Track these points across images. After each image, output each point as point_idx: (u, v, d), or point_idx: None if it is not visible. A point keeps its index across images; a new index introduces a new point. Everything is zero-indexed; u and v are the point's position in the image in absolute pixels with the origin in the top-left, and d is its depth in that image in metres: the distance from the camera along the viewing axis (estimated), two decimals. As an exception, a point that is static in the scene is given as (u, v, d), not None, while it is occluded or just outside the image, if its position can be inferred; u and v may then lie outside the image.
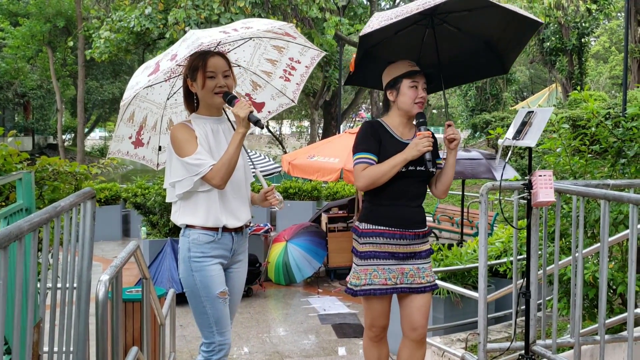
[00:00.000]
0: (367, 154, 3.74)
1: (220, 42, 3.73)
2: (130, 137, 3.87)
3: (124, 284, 3.86)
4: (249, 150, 4.16)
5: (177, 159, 3.46)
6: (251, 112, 3.40)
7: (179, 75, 3.81)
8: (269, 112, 4.21)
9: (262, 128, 3.55)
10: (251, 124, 3.42)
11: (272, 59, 4.04)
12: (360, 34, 3.58)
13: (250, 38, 3.89)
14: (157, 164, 4.07)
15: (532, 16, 3.92)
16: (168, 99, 3.93)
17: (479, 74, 4.72)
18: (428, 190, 3.96)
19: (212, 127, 3.58)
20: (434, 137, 3.78)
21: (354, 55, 3.88)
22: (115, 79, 42.60)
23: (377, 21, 3.55)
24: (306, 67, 4.12)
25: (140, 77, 3.57)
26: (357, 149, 3.80)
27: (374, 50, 4.06)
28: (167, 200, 3.66)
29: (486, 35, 4.15)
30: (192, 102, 3.65)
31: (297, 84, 4.16)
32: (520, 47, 4.31)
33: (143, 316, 4.33)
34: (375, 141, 3.76)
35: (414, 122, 3.80)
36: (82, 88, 30.58)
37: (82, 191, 3.06)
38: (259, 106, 4.15)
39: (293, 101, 4.21)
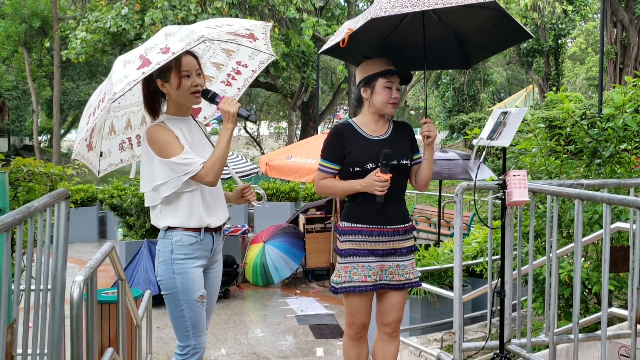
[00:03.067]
0: (328, 163, 3.88)
1: (209, 36, 3.60)
2: (86, 140, 3.70)
3: (100, 285, 3.84)
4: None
5: (159, 161, 3.41)
6: (239, 106, 3.40)
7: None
8: (205, 117, 4.15)
9: (254, 122, 3.55)
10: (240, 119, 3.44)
11: (218, 62, 4.00)
12: (372, 16, 3.40)
13: (203, 41, 3.82)
14: (99, 171, 3.93)
15: (524, 27, 3.92)
16: (112, 102, 3.82)
17: (440, 64, 4.66)
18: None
19: (186, 127, 3.56)
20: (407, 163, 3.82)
21: (350, 29, 3.63)
22: (91, 79, 42.26)
23: (390, 5, 3.43)
24: (252, 71, 4.08)
25: (127, 71, 3.29)
26: (321, 154, 3.93)
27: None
28: (147, 204, 3.60)
29: (463, 30, 4.12)
30: (156, 104, 3.58)
31: (239, 88, 4.12)
32: (493, 51, 4.33)
33: (119, 318, 4.31)
34: (338, 149, 3.84)
35: (380, 161, 3.72)
36: (58, 89, 30.32)
37: (55, 192, 3.03)
38: (196, 111, 4.06)
39: None
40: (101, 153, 3.88)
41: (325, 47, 3.96)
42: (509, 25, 3.89)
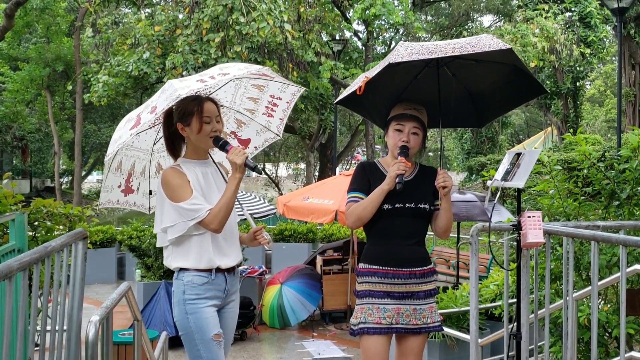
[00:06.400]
0: (356, 193, 3.85)
1: (197, 91, 3.68)
2: (119, 186, 3.90)
3: (117, 326, 3.85)
4: (242, 192, 4.20)
5: (169, 204, 3.49)
6: (247, 157, 3.47)
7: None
8: (255, 147, 4.26)
9: (260, 174, 3.63)
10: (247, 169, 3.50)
11: (253, 97, 4.10)
12: (391, 60, 3.45)
13: (231, 80, 3.93)
14: (149, 208, 4.10)
15: (539, 83, 3.94)
16: (155, 144, 3.98)
17: (454, 123, 4.62)
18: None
19: (201, 171, 3.63)
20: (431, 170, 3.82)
21: (366, 77, 3.65)
22: (113, 122, 42.70)
23: (408, 52, 3.48)
24: (287, 102, 4.18)
25: (122, 132, 3.61)
26: (348, 190, 3.91)
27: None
28: (158, 245, 3.69)
29: (477, 88, 4.13)
30: (176, 145, 3.71)
31: (280, 119, 4.22)
32: (507, 109, 4.34)
33: (134, 359, 4.31)
34: (365, 181, 3.86)
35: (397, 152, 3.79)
36: (79, 131, 30.69)
37: (73, 232, 3.07)
38: (245, 142, 4.20)
39: (278, 135, 4.25)
40: (150, 191, 4.04)
41: (341, 96, 4.00)
42: (524, 81, 3.90)
